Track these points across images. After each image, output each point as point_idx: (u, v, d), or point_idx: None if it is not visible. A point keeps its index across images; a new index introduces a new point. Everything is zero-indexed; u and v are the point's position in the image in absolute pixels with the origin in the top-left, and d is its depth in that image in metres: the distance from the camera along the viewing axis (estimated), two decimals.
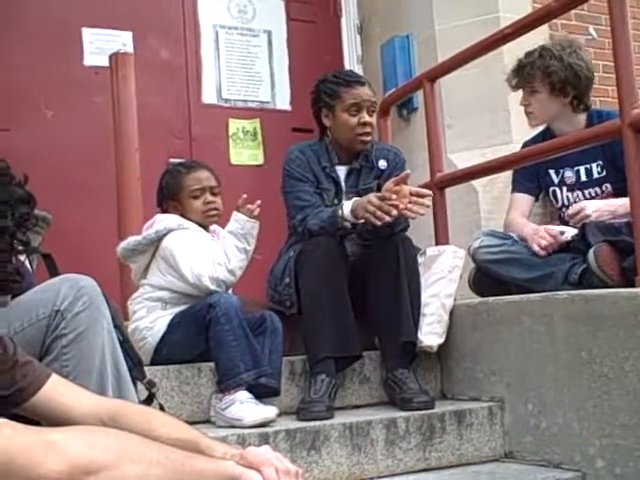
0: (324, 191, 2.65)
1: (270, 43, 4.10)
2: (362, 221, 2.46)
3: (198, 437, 1.34)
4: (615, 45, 2.29)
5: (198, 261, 2.36)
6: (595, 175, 2.78)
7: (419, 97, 3.49)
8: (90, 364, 1.59)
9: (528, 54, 2.81)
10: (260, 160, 3.96)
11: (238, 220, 2.40)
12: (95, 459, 1.07)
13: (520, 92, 2.92)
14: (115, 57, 2.96)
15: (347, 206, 2.46)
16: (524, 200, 2.90)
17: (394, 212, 2.36)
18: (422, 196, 2.45)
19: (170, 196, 2.54)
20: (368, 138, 2.65)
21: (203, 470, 1.16)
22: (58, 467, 1.04)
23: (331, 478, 2.06)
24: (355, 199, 2.48)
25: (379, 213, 2.36)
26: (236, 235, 2.39)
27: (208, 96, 3.93)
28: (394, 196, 2.39)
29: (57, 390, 1.39)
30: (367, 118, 2.63)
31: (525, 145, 2.95)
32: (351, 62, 4.23)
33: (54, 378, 1.41)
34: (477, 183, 3.42)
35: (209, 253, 2.39)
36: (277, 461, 1.24)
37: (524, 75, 2.78)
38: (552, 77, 2.72)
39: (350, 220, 2.46)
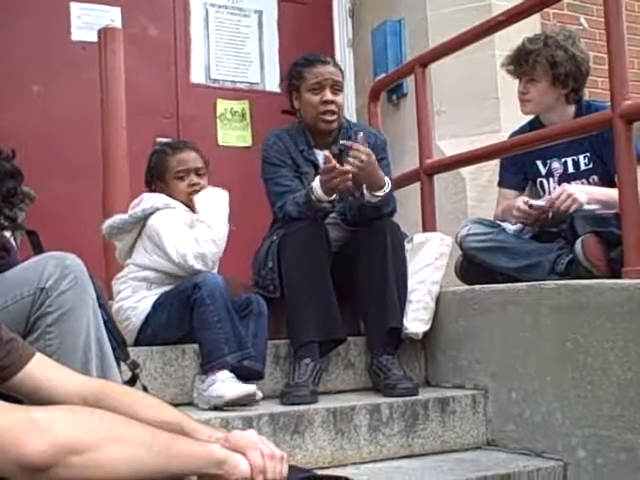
0: (303, 175, 2.63)
1: (260, 23, 4.06)
2: (335, 196, 2.44)
3: (183, 420, 1.33)
4: (609, 36, 2.28)
5: (183, 240, 2.34)
6: (582, 167, 2.77)
7: (409, 82, 3.47)
8: (74, 343, 1.57)
9: (531, 41, 2.74)
10: (248, 142, 3.93)
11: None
12: (80, 439, 1.06)
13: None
14: (104, 32, 2.91)
15: (317, 185, 2.42)
16: (510, 195, 2.89)
17: (349, 175, 2.36)
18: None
19: (157, 176, 2.52)
20: (331, 117, 2.62)
21: (189, 452, 1.15)
22: (42, 446, 1.03)
23: (314, 462, 2.05)
24: (317, 178, 2.45)
25: (337, 180, 2.36)
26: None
27: (196, 75, 3.89)
28: (333, 163, 2.37)
29: (41, 369, 1.37)
30: (329, 96, 2.61)
31: (513, 136, 2.94)
32: (342, 45, 4.21)
33: (38, 357, 1.39)
34: (465, 171, 3.42)
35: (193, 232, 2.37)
36: (262, 445, 1.23)
37: (528, 63, 2.73)
38: (557, 68, 2.68)
39: (324, 199, 2.43)
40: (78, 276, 1.59)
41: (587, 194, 2.50)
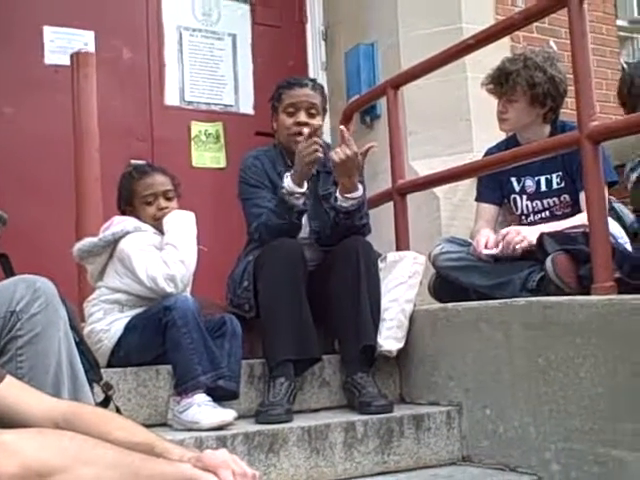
0: None
1: (234, 47, 4.09)
2: (306, 188, 2.48)
3: (154, 440, 1.33)
4: (574, 58, 2.32)
5: (153, 263, 2.33)
6: (554, 186, 2.82)
7: (382, 104, 3.51)
8: (46, 366, 1.56)
9: (511, 62, 2.80)
10: (222, 163, 3.94)
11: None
12: (49, 461, 1.05)
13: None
14: (76, 56, 2.91)
15: (286, 180, 2.48)
16: (489, 210, 2.93)
17: (318, 149, 2.45)
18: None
19: (125, 201, 2.52)
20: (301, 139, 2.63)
21: (160, 473, 1.15)
22: (11, 469, 1.02)
23: None
24: (289, 173, 2.51)
25: (309, 151, 2.43)
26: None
27: (171, 98, 3.90)
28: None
29: (11, 392, 1.36)
30: (302, 118, 2.65)
31: (488, 152, 2.98)
32: (315, 68, 4.24)
33: (8, 379, 1.38)
34: (438, 190, 3.45)
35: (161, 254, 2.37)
36: (234, 464, 1.23)
37: (508, 83, 2.77)
38: (536, 88, 2.72)
39: (295, 190, 2.46)
40: (49, 299, 1.58)
41: (537, 231, 2.55)
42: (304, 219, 2.59)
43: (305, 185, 2.50)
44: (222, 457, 1.24)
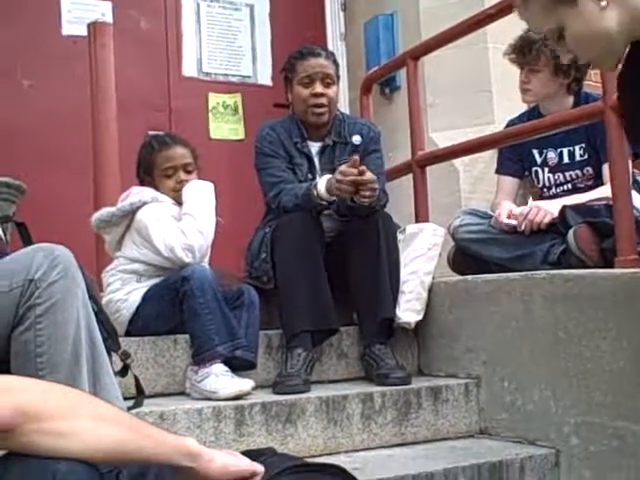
0: (297, 166, 2.64)
1: (252, 17, 4.05)
2: (334, 198, 2.46)
3: None
4: None
5: (170, 233, 2.33)
6: (577, 158, 2.78)
7: (402, 75, 3.47)
8: (65, 334, 1.56)
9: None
10: (240, 135, 3.92)
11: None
12: (47, 407, 1.05)
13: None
14: (93, 26, 2.90)
15: (322, 184, 2.43)
16: (510, 183, 2.90)
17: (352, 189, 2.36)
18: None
19: (145, 171, 2.51)
20: (320, 110, 2.61)
21: (160, 438, 1.14)
22: (7, 412, 1.02)
23: (306, 451, 2.05)
24: (327, 177, 2.45)
25: (344, 187, 2.36)
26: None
27: (188, 69, 3.88)
28: (353, 171, 2.35)
29: None
30: (319, 89, 2.62)
31: (510, 123, 2.94)
32: (334, 39, 4.19)
33: None
34: (458, 162, 3.41)
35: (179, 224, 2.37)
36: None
37: (532, 53, 2.73)
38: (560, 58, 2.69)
39: (326, 198, 2.45)
40: (67, 267, 1.57)
41: (559, 204, 2.52)
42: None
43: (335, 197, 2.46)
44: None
